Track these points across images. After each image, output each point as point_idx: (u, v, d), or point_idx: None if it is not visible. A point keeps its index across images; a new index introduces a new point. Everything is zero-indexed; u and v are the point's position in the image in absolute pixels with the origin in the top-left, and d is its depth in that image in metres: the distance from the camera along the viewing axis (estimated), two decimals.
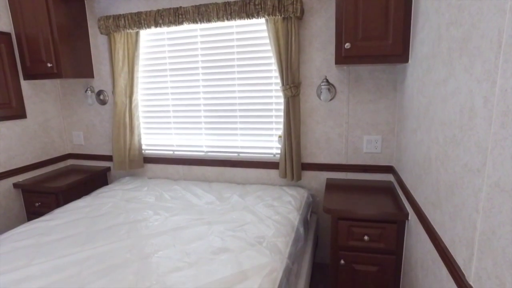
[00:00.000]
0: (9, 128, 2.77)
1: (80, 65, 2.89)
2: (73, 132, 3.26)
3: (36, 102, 2.99)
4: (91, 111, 3.14)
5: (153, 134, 3.01)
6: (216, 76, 2.69)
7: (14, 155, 2.81)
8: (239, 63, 2.61)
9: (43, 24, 2.62)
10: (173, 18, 2.49)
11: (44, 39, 2.65)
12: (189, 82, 2.78)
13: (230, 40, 2.59)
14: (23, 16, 2.68)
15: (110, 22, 2.67)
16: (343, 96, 2.45)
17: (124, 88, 2.81)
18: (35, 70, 2.75)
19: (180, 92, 2.82)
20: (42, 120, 3.04)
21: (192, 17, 2.45)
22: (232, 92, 2.67)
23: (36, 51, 2.71)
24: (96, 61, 3.00)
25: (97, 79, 3.05)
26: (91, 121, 3.17)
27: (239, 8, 2.33)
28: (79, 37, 2.87)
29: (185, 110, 2.84)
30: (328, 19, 2.36)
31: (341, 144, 2.52)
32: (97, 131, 3.17)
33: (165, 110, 2.90)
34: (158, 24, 2.54)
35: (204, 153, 2.86)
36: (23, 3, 2.65)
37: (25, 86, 2.88)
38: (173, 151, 2.96)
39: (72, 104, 3.20)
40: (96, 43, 2.97)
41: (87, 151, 3.26)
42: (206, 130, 2.82)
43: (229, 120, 2.73)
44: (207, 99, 2.76)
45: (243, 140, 2.73)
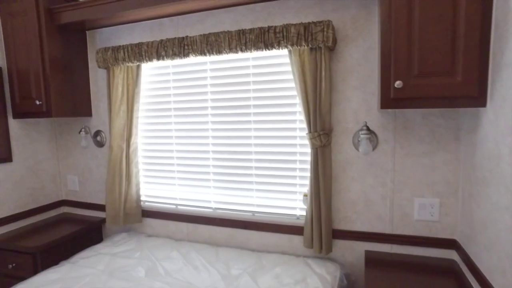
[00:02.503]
0: None
1: (76, 103, 2.53)
2: (68, 176, 2.87)
3: (26, 144, 2.63)
4: (88, 154, 2.75)
5: (154, 184, 2.55)
6: (228, 118, 2.22)
7: None
8: (256, 103, 2.14)
9: (34, 57, 2.30)
10: (177, 49, 2.09)
11: (34, 74, 2.32)
12: (196, 124, 2.33)
13: (246, 75, 2.14)
14: (15, 48, 2.38)
15: (108, 54, 2.31)
16: (387, 147, 1.89)
17: (122, 130, 2.39)
18: (24, 108, 2.41)
19: (186, 136, 2.37)
20: (31, 163, 2.67)
21: (200, 48, 2.03)
22: (247, 138, 2.19)
23: (26, 87, 2.37)
24: (94, 97, 2.64)
25: (95, 118, 2.67)
26: (87, 165, 2.77)
27: (256, 37, 1.89)
28: (77, 72, 2.53)
29: (191, 157, 2.38)
30: (368, 50, 1.87)
31: (385, 208, 1.94)
32: (93, 177, 2.75)
33: (168, 156, 2.45)
34: (160, 57, 2.15)
35: (213, 210, 2.34)
36: (16, 35, 2.36)
37: (14, 126, 2.54)
38: (176, 205, 2.47)
39: (68, 145, 2.83)
40: (95, 78, 2.62)
41: (82, 198, 2.84)
42: (216, 183, 2.32)
43: (243, 172, 2.23)
44: (217, 145, 2.28)
45: (260, 196, 2.21)
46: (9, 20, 2.38)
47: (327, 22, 1.77)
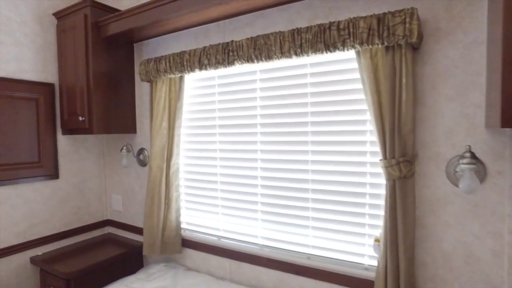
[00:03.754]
0: (36, 190, 2.33)
1: (121, 119, 2.38)
2: (112, 195, 2.73)
3: (74, 160, 2.55)
4: (131, 173, 2.58)
5: (196, 211, 2.25)
6: (281, 137, 1.84)
7: (38, 222, 2.34)
8: (314, 120, 1.73)
9: (81, 72, 2.20)
10: (221, 56, 1.79)
11: (80, 89, 2.22)
12: (243, 144, 1.99)
13: (302, 86, 1.75)
14: (65, 64, 2.33)
15: (150, 66, 2.11)
16: (501, 182, 1.33)
17: (162, 149, 2.15)
18: (71, 124, 2.32)
19: (232, 158, 2.04)
20: (78, 180, 2.58)
21: (247, 54, 1.70)
22: (304, 163, 1.77)
23: (73, 103, 2.28)
24: (139, 113, 2.47)
25: (139, 135, 2.49)
26: (130, 185, 2.60)
27: (314, 37, 1.49)
28: (123, 86, 2.39)
29: (237, 182, 2.03)
30: (470, 46, 1.35)
31: (497, 267, 1.35)
32: (136, 198, 2.57)
33: (211, 180, 2.14)
34: (203, 66, 1.87)
35: (259, 247, 1.95)
36: (67, 51, 2.30)
37: (63, 142, 2.47)
38: (219, 237, 2.13)
39: (114, 163, 2.70)
40: (141, 92, 2.45)
41: (125, 220, 2.67)
42: (264, 215, 1.93)
43: (298, 204, 1.80)
44: (267, 170, 1.90)
45: (318, 236, 1.76)
46: (62, 36, 2.34)
47: (411, 11, 1.31)
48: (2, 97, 2.13)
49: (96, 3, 2.17)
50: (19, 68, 2.23)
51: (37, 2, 2.31)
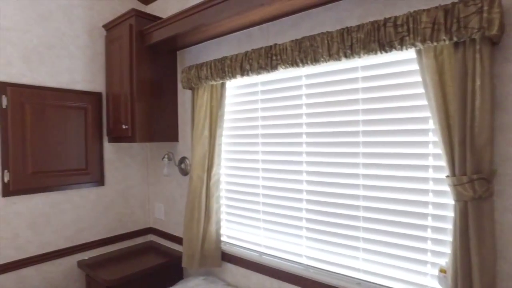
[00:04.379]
0: (83, 196, 2.38)
1: (163, 127, 2.36)
2: (155, 203, 2.73)
3: (119, 168, 2.58)
4: (173, 182, 2.55)
5: (236, 224, 2.15)
6: (329, 148, 1.67)
7: (85, 227, 2.39)
8: (367, 129, 1.54)
9: (125, 81, 2.23)
10: (264, 61, 1.67)
11: (124, 97, 2.24)
12: (287, 155, 1.85)
13: (353, 92, 1.58)
14: (112, 74, 2.38)
15: (192, 73, 2.07)
16: None
17: (203, 158, 2.08)
18: (116, 132, 2.35)
19: (275, 170, 1.91)
20: (122, 187, 2.61)
21: (291, 58, 1.57)
22: (354, 177, 1.59)
23: (117, 112, 2.32)
24: (182, 121, 2.45)
25: (181, 144, 2.46)
26: (172, 194, 2.57)
27: (367, 36, 1.32)
28: (166, 95, 2.38)
29: (280, 196, 1.89)
30: None
31: None
32: (176, 207, 2.53)
33: (253, 192, 2.02)
34: (245, 72, 1.77)
35: (304, 267, 1.78)
36: (114, 60, 2.36)
37: (109, 150, 2.52)
38: (260, 253, 2.00)
39: (157, 171, 2.70)
40: (183, 100, 2.43)
41: (167, 228, 2.64)
42: (309, 232, 1.77)
43: (347, 223, 1.62)
44: (313, 183, 1.74)
45: (370, 260, 1.55)
46: (110, 47, 2.40)
47: None
48: (56, 106, 2.21)
49: (141, 12, 2.19)
50: (71, 79, 2.31)
51: (89, 16, 2.40)
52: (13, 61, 2.06)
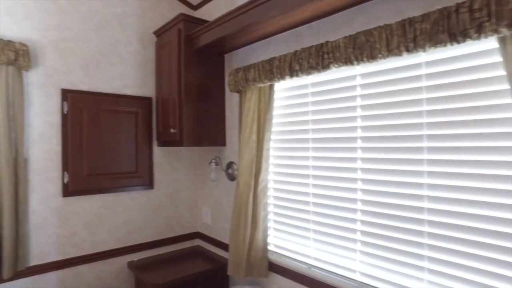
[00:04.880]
0: (133, 199, 2.44)
1: (211, 131, 2.34)
2: (203, 207, 2.72)
3: (168, 171, 2.62)
4: (220, 187, 2.52)
5: (284, 233, 2.04)
6: (387, 154, 1.51)
7: (134, 229, 2.44)
8: (432, 133, 1.36)
9: (174, 85, 2.24)
10: (315, 60, 1.56)
11: (173, 102, 2.26)
12: (341, 161, 1.71)
13: (415, 91, 1.40)
14: (161, 79, 2.42)
15: (239, 75, 2.01)
16: None
17: (250, 163, 2.02)
18: (164, 137, 2.38)
19: (327, 177, 1.78)
20: (171, 191, 2.64)
21: (344, 55, 1.44)
22: (417, 187, 1.41)
23: (166, 116, 2.34)
24: (229, 125, 2.41)
25: (229, 148, 2.42)
26: (219, 199, 2.54)
27: (434, 26, 1.16)
28: (214, 98, 2.36)
29: (332, 205, 1.75)
30: None
31: None
32: (224, 213, 2.49)
33: (303, 200, 1.91)
34: (294, 72, 1.67)
35: (358, 285, 1.62)
36: (163, 65, 2.40)
37: (158, 153, 2.56)
38: (309, 265, 1.87)
39: (204, 175, 2.69)
40: (231, 103, 2.39)
41: (214, 234, 2.62)
42: (364, 246, 1.61)
43: (407, 238, 1.44)
44: (369, 193, 1.58)
45: (436, 283, 1.36)
46: (159, 52, 2.45)
47: None
48: (110, 111, 2.30)
49: (189, 16, 2.19)
50: (124, 84, 2.39)
51: (141, 23, 2.47)
52: (74, 69, 2.18)
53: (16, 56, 1.87)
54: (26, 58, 1.91)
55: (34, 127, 2.02)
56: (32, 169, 2.02)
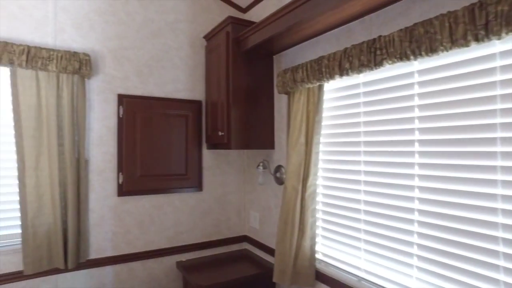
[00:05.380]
0: (182, 201, 2.50)
1: (259, 134, 2.31)
2: (251, 211, 2.70)
3: (216, 174, 2.64)
4: (268, 191, 2.47)
5: (333, 242, 1.93)
6: (450, 159, 1.34)
7: (184, 230, 2.50)
8: (505, 135, 1.17)
9: (222, 88, 2.26)
10: (366, 57, 1.45)
11: (221, 105, 2.27)
12: (394, 166, 1.56)
13: (487, 87, 1.22)
14: (211, 82, 2.46)
15: (287, 76, 1.96)
16: None
17: (298, 167, 1.94)
18: (213, 139, 2.41)
19: (380, 183, 1.64)
20: (219, 194, 2.66)
21: (399, 50, 1.31)
22: (489, 198, 1.22)
23: (215, 119, 2.37)
24: (278, 128, 2.35)
25: (277, 152, 2.37)
26: (267, 203, 2.50)
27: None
28: (262, 101, 2.33)
29: (385, 214, 1.61)
30: None
31: None
32: (271, 217, 2.44)
33: (353, 208, 1.78)
34: (344, 71, 1.57)
35: None
36: (212, 69, 2.43)
37: (207, 156, 2.60)
38: (359, 278, 1.74)
39: (253, 179, 2.67)
40: (279, 105, 2.33)
41: (261, 238, 2.57)
42: (422, 262, 1.44)
43: (476, 257, 1.25)
44: (428, 202, 1.42)
45: None
46: (209, 56, 2.49)
47: None
48: (161, 115, 2.38)
49: (237, 19, 2.19)
50: (175, 88, 2.47)
51: (191, 28, 2.53)
52: (129, 75, 2.30)
53: (80, 66, 2.02)
54: (88, 67, 2.05)
55: (94, 131, 2.17)
56: (92, 169, 2.16)
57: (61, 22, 2.09)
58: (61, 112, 2.00)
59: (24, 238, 1.93)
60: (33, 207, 1.94)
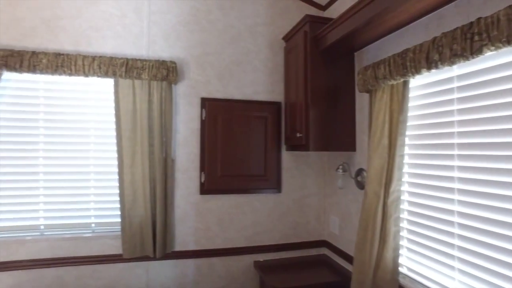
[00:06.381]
0: (261, 202, 2.53)
1: (339, 135, 2.20)
2: (330, 216, 2.59)
3: (295, 176, 2.61)
4: (349, 195, 2.34)
5: (420, 256, 1.71)
6: None
7: (261, 231, 2.53)
8: None
9: (300, 89, 2.22)
10: (460, 45, 1.24)
11: (299, 105, 2.23)
12: (498, 174, 1.30)
13: None
14: (289, 83, 2.44)
15: (368, 73, 1.81)
16: None
17: (380, 171, 1.78)
18: (292, 141, 2.38)
19: (476, 192, 1.39)
20: (298, 196, 2.61)
21: (506, 33, 1.08)
22: None
23: (293, 120, 2.34)
24: (359, 129, 2.21)
25: (359, 154, 2.22)
26: (347, 208, 2.36)
27: None
28: (342, 100, 2.22)
29: (486, 230, 1.36)
30: None
31: None
32: (352, 223, 2.30)
33: (445, 220, 1.55)
34: (432, 63, 1.38)
35: None
36: (290, 70, 2.42)
37: (286, 158, 2.58)
38: None
39: (333, 182, 2.55)
40: (361, 105, 2.19)
41: (340, 245, 2.45)
42: None
43: None
44: None
45: None
46: (287, 57, 2.48)
47: None
48: (241, 117, 2.45)
49: (315, 17, 2.14)
50: (254, 91, 2.52)
51: (270, 30, 2.56)
52: (211, 79, 2.43)
53: (167, 73, 2.22)
54: (174, 74, 2.24)
55: (179, 132, 2.35)
56: (177, 168, 2.35)
57: (153, 35, 2.33)
58: (152, 116, 2.22)
59: (123, 227, 2.19)
60: (129, 200, 2.19)
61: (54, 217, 2.25)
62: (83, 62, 2.11)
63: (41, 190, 2.22)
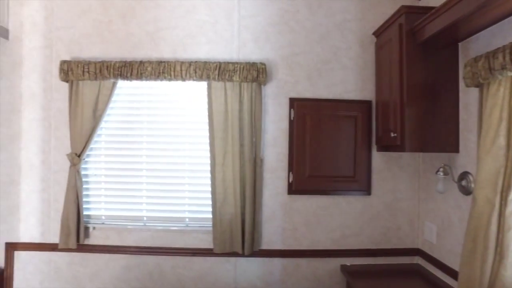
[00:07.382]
0: (349, 203, 2.45)
1: (439, 135, 2.01)
2: (426, 222, 2.38)
3: (387, 178, 2.46)
4: (449, 200, 2.12)
5: None
6: None
7: (349, 234, 2.45)
8: None
9: (394, 85, 2.09)
10: None
11: (393, 103, 2.10)
12: None
13: None
14: (381, 81, 2.32)
15: (479, 65, 1.61)
16: None
17: (495, 176, 1.57)
18: (384, 141, 2.26)
19: None
20: (389, 200, 2.46)
21: None
22: None
23: (386, 119, 2.21)
24: (464, 127, 1.98)
25: (463, 156, 1.99)
26: (447, 215, 2.14)
27: None
28: (444, 97, 2.02)
29: None
30: None
31: None
32: (453, 232, 2.08)
33: None
34: None
35: None
36: (383, 67, 2.29)
37: (377, 159, 2.46)
38: None
39: (430, 186, 2.34)
40: (466, 101, 1.96)
41: (437, 255, 2.23)
42: None
43: None
44: None
45: None
46: (379, 53, 2.36)
47: None
48: (329, 116, 2.41)
49: (411, 7, 1.99)
50: (344, 89, 2.45)
51: (360, 26, 2.46)
52: (300, 79, 2.43)
53: (257, 74, 2.28)
54: (264, 75, 2.29)
55: (268, 132, 2.41)
56: (266, 168, 2.40)
57: (244, 38, 2.42)
58: (242, 116, 2.30)
59: (214, 223, 2.32)
60: (220, 198, 2.30)
61: (154, 210, 2.48)
62: (181, 67, 2.29)
63: (144, 185, 2.47)
